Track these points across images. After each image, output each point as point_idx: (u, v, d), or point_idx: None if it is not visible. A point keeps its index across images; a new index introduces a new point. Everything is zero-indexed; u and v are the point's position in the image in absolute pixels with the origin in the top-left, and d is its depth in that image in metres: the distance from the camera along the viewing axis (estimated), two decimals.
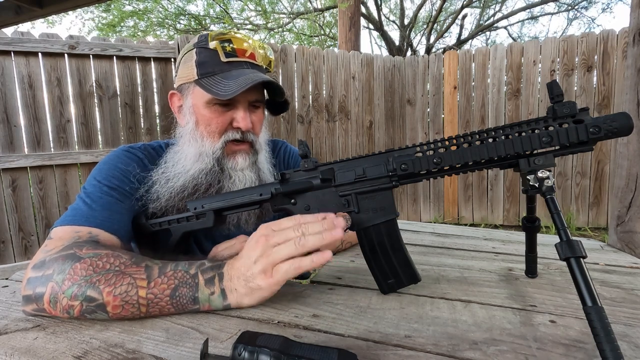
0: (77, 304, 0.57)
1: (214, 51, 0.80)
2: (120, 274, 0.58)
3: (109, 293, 0.56)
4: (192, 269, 0.60)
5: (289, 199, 0.69)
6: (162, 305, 0.58)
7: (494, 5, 9.95)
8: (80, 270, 0.58)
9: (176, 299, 0.58)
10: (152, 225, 0.78)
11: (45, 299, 0.58)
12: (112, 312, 0.57)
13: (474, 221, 3.90)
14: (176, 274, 0.59)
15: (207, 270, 0.61)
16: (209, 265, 0.61)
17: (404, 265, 0.67)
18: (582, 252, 0.47)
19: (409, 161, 0.61)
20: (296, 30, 9.89)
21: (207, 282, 0.59)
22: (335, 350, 0.43)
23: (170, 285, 0.58)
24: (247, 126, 0.80)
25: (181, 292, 0.58)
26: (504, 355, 0.48)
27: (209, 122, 0.81)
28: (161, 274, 0.59)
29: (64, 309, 0.58)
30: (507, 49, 3.71)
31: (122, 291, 0.57)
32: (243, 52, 0.81)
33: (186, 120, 0.84)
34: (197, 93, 0.81)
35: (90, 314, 0.58)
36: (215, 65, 0.79)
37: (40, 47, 2.65)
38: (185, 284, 0.59)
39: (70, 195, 2.82)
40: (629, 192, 1.11)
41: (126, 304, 0.57)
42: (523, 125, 0.57)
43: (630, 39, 1.14)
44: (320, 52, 3.72)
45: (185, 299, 0.59)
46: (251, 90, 0.79)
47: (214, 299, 0.59)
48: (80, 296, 0.57)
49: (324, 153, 3.76)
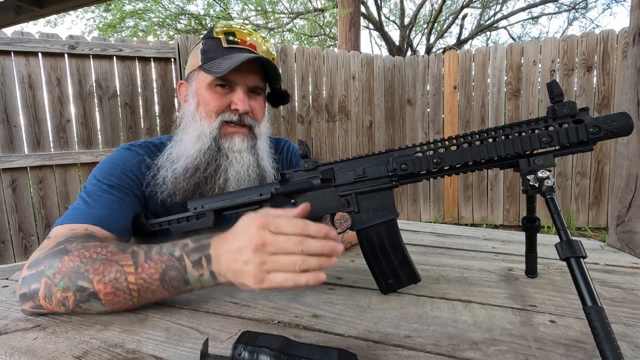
0: (71, 295, 0.57)
1: (217, 39, 0.86)
2: (108, 262, 0.58)
3: (99, 281, 0.57)
4: (177, 251, 0.59)
5: (289, 199, 0.69)
6: (154, 290, 0.58)
7: (494, 6, 9.95)
8: (69, 262, 0.59)
9: (167, 282, 0.58)
10: (152, 225, 0.78)
11: (41, 294, 0.59)
12: (105, 300, 0.58)
13: (474, 221, 3.90)
14: (162, 257, 0.59)
15: (192, 252, 0.59)
16: (193, 247, 0.59)
17: (404, 265, 0.67)
18: (582, 252, 0.47)
19: (409, 161, 0.61)
20: (296, 30, 9.90)
21: (195, 265, 0.58)
22: (335, 350, 0.43)
23: (158, 269, 0.58)
24: (244, 108, 0.83)
25: (170, 275, 0.58)
26: (504, 355, 0.48)
27: (207, 102, 0.84)
28: (147, 258, 0.59)
29: (59, 301, 0.58)
30: (507, 49, 3.70)
31: (112, 278, 0.57)
32: (244, 42, 0.87)
33: (188, 104, 0.88)
34: (200, 77, 0.86)
35: (85, 303, 0.58)
36: (217, 51, 0.85)
37: (40, 47, 2.65)
38: (172, 268, 0.58)
39: (70, 195, 2.82)
40: (629, 192, 1.11)
41: (117, 290, 0.57)
42: (523, 125, 0.57)
43: (630, 39, 1.14)
44: (320, 52, 3.72)
45: (176, 282, 0.58)
46: (250, 74, 0.84)
47: (205, 280, 0.59)
48: (72, 287, 0.57)
49: (324, 153, 3.76)
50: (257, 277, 0.53)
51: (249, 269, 0.53)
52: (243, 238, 0.54)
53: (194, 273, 0.58)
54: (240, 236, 0.55)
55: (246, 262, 0.53)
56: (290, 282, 0.52)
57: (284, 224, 0.54)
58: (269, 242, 0.52)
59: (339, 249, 0.54)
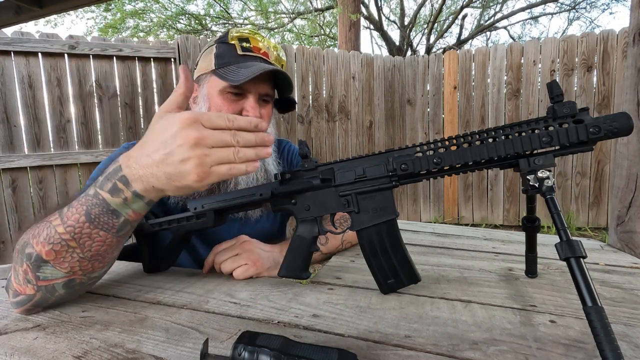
0: (25, 267, 0.58)
1: (231, 45, 0.87)
2: (41, 224, 0.59)
3: (37, 243, 0.57)
4: (91, 190, 0.57)
5: (289, 199, 0.69)
6: (88, 233, 0.56)
7: (494, 6, 9.95)
8: (20, 240, 0.61)
9: (95, 221, 0.56)
10: (152, 226, 0.78)
11: (13, 282, 0.61)
12: (52, 261, 0.57)
13: (474, 221, 3.90)
14: (80, 200, 0.57)
15: (104, 182, 0.56)
16: (104, 178, 0.56)
17: (404, 265, 0.67)
18: (582, 252, 0.47)
19: (409, 161, 0.61)
20: (296, 30, 9.89)
21: (113, 193, 0.55)
22: (335, 350, 0.43)
23: (80, 211, 0.56)
24: (256, 116, 0.84)
25: (95, 212, 0.55)
26: (504, 355, 0.48)
27: (219, 109, 0.85)
28: (70, 207, 0.58)
29: (23, 280, 0.59)
30: (507, 49, 3.71)
31: (45, 236, 0.57)
32: (258, 49, 0.89)
33: (199, 107, 0.88)
34: (213, 82, 0.87)
35: (40, 272, 0.58)
36: (232, 57, 0.86)
37: (40, 47, 2.65)
38: (93, 205, 0.56)
39: (70, 195, 2.82)
40: (629, 192, 1.11)
41: (54, 245, 0.56)
42: (523, 125, 0.57)
43: (630, 39, 1.14)
44: (320, 52, 3.72)
45: (105, 217, 0.56)
46: (262, 83, 0.86)
47: (131, 203, 0.56)
48: (24, 258, 0.58)
49: (324, 153, 3.76)
50: (201, 173, 0.50)
51: (189, 167, 0.50)
52: (170, 139, 0.50)
53: (116, 201, 0.55)
54: (165, 138, 0.51)
55: (183, 161, 0.50)
56: (234, 171, 0.52)
57: (216, 118, 0.52)
58: (206, 135, 0.50)
59: (270, 138, 0.56)
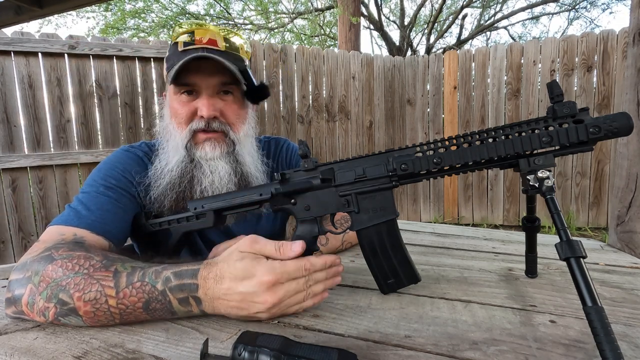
0: (52, 307, 0.55)
1: (175, 44, 0.83)
2: (89, 278, 0.56)
3: (79, 298, 0.54)
4: (159, 284, 0.55)
5: (289, 199, 0.69)
6: (137, 315, 0.56)
7: (494, 5, 9.94)
8: (52, 272, 0.57)
9: (151, 312, 0.56)
10: (152, 225, 0.78)
11: (24, 301, 0.57)
12: (85, 317, 0.55)
13: (474, 221, 3.90)
14: (144, 287, 0.55)
15: (176, 290, 0.55)
16: (176, 284, 0.55)
17: (404, 265, 0.67)
18: (582, 252, 0.47)
19: (409, 161, 0.61)
20: (296, 30, 9.89)
21: (182, 302, 0.56)
22: (335, 350, 0.43)
23: (141, 299, 0.55)
24: (208, 113, 0.79)
25: (154, 306, 0.56)
26: (504, 355, 0.48)
27: (176, 112, 0.82)
28: (129, 284, 0.55)
29: (40, 311, 0.56)
30: (507, 49, 3.70)
31: (92, 298, 0.54)
32: (200, 41, 0.81)
33: (164, 116, 0.86)
34: (170, 88, 0.84)
35: (64, 317, 0.56)
36: (175, 57, 0.81)
37: (40, 47, 2.65)
38: (156, 301, 0.55)
39: (70, 195, 2.82)
40: (629, 192, 1.11)
41: (97, 310, 0.55)
42: (523, 125, 0.57)
43: (630, 39, 1.14)
44: (320, 52, 3.72)
45: (161, 312, 0.57)
46: (213, 75, 0.80)
47: (194, 314, 0.58)
48: (53, 298, 0.55)
49: (324, 153, 3.76)
50: (271, 316, 0.57)
51: (263, 316, 0.56)
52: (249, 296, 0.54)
53: (181, 309, 0.57)
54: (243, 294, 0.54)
55: (258, 313, 0.55)
56: (301, 309, 0.59)
57: (294, 272, 0.56)
58: (283, 297, 0.55)
59: (340, 269, 0.63)
